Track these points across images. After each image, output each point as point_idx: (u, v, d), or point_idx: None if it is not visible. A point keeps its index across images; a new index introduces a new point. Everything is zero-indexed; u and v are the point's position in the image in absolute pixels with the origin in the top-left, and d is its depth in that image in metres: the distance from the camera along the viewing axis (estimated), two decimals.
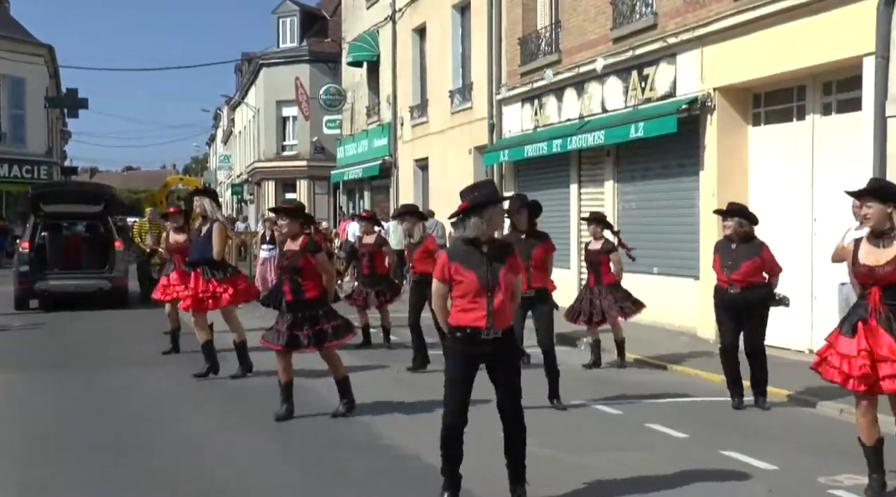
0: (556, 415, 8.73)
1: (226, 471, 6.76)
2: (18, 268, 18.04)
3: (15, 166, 36.52)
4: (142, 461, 7.02)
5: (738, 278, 8.94)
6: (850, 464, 6.80)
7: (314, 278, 8.23)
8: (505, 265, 5.57)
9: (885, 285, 5.76)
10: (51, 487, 6.32)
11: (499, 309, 5.56)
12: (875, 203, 5.85)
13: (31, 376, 10.80)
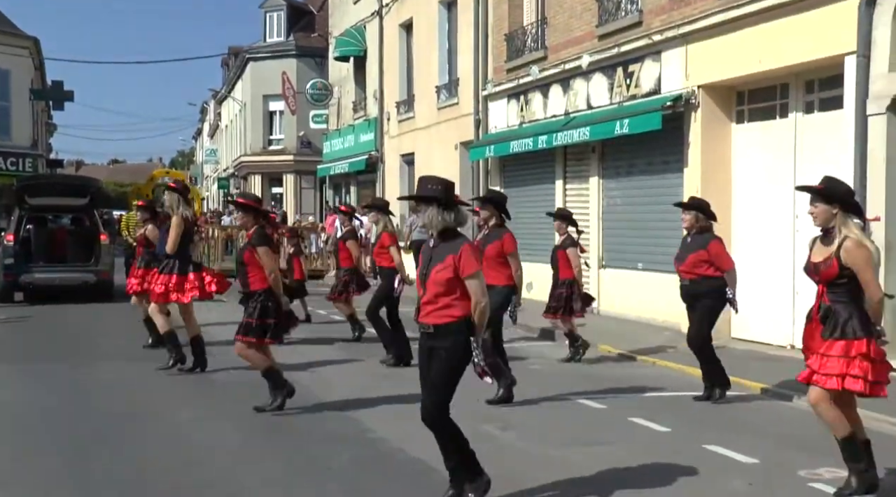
0: (539, 409, 8.77)
1: (213, 464, 6.78)
2: (3, 260, 17.96)
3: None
4: (127, 454, 7.01)
5: (684, 270, 9.08)
6: (829, 457, 6.86)
7: (260, 271, 8.18)
8: (442, 262, 5.44)
9: (827, 282, 5.78)
10: (34, 481, 6.30)
11: (426, 304, 5.52)
12: (821, 203, 5.89)
13: (15, 369, 10.78)
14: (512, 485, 6.08)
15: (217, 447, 7.27)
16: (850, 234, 5.72)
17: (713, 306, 9.07)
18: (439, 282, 5.42)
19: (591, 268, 11.87)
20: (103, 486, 6.21)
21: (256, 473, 6.49)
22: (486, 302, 5.45)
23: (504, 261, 8.91)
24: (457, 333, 5.41)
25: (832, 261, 5.72)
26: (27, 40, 39.08)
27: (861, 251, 5.69)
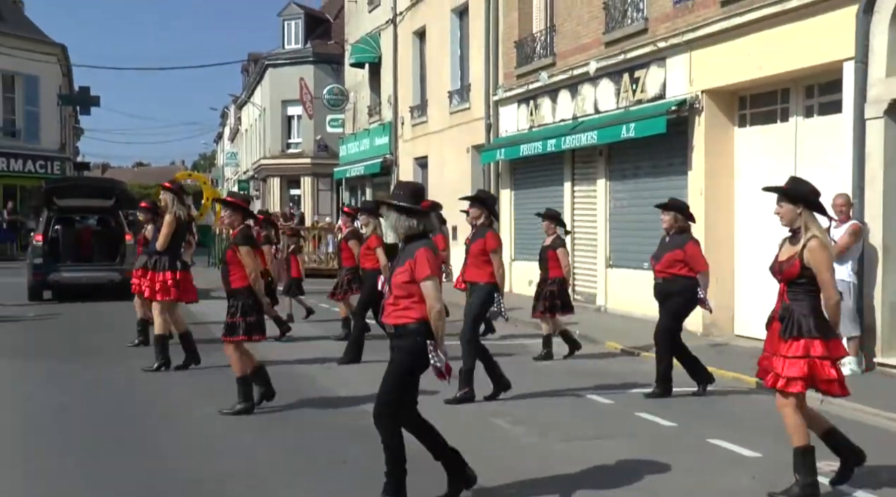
0: (547, 404, 8.77)
1: (232, 457, 6.79)
2: (32, 260, 18.06)
3: (29, 162, 36.51)
4: (150, 447, 7.04)
5: (659, 268, 9.08)
6: (827, 450, 6.85)
7: (241, 270, 8.12)
8: (402, 266, 5.41)
9: (788, 281, 5.73)
10: (53, 477, 6.30)
11: (388, 305, 5.50)
12: (786, 203, 5.85)
13: (42, 366, 10.79)
14: (521, 477, 6.10)
15: (235, 440, 7.28)
16: (815, 234, 5.68)
17: (684, 304, 9.04)
18: (398, 284, 5.41)
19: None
20: (125, 479, 6.21)
21: (275, 465, 6.50)
22: (439, 307, 5.34)
23: (488, 259, 8.84)
24: (413, 334, 5.36)
25: (795, 260, 5.67)
26: (55, 47, 39.34)
27: (824, 252, 5.63)
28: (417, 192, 5.62)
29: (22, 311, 16.21)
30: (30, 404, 8.62)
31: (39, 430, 7.61)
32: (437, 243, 13.22)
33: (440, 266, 5.49)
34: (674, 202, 9.39)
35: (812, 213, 5.76)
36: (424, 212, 5.53)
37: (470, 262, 9.04)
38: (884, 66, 10.07)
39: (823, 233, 5.77)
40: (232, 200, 8.67)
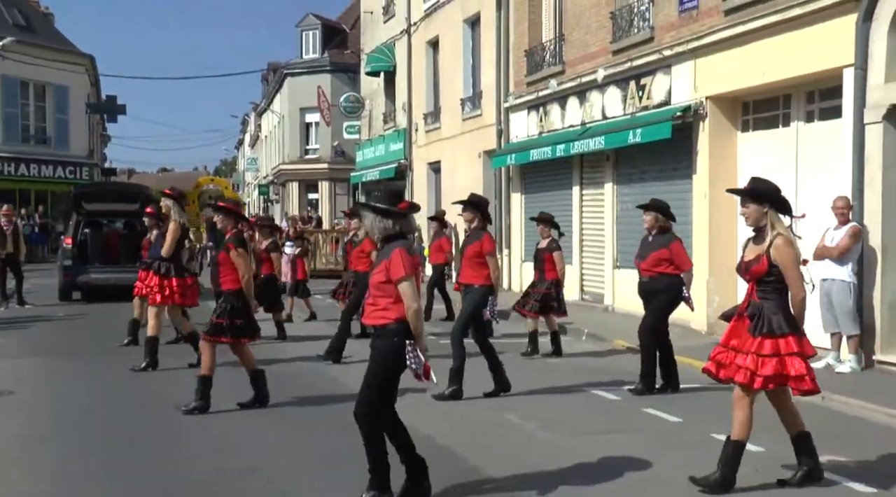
0: (558, 399, 8.77)
1: (252, 452, 6.80)
2: (62, 262, 18.18)
3: (59, 168, 36.72)
4: (172, 444, 7.08)
5: (644, 267, 9.05)
6: (829, 446, 6.82)
7: (232, 272, 8.05)
8: (378, 266, 5.36)
9: (756, 279, 5.66)
10: (82, 469, 6.35)
11: (368, 305, 5.45)
12: (751, 203, 5.78)
13: (71, 365, 10.86)
14: (533, 469, 6.11)
15: (254, 438, 7.27)
16: (781, 232, 5.63)
17: (668, 302, 9.01)
18: (375, 284, 5.36)
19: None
20: (145, 472, 6.24)
21: (295, 460, 6.52)
22: (416, 307, 5.26)
23: (483, 261, 8.77)
24: (392, 334, 5.29)
25: (762, 258, 5.61)
26: (84, 58, 39.56)
27: (790, 250, 5.58)
28: (394, 195, 5.58)
29: (53, 311, 16.32)
30: (60, 403, 8.67)
31: (68, 428, 7.64)
32: (441, 245, 13.11)
33: (417, 266, 5.41)
34: (655, 203, 9.34)
35: (776, 212, 5.70)
36: (401, 213, 5.44)
37: (465, 264, 8.93)
38: (882, 73, 10.03)
39: (787, 231, 5.71)
40: (224, 206, 8.60)
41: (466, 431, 7.37)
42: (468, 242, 8.96)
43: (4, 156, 34.55)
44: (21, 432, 7.41)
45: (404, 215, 5.45)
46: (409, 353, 5.25)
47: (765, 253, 5.61)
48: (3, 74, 34.34)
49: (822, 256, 10.06)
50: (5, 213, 17.65)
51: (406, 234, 5.49)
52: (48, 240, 31.95)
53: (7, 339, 12.88)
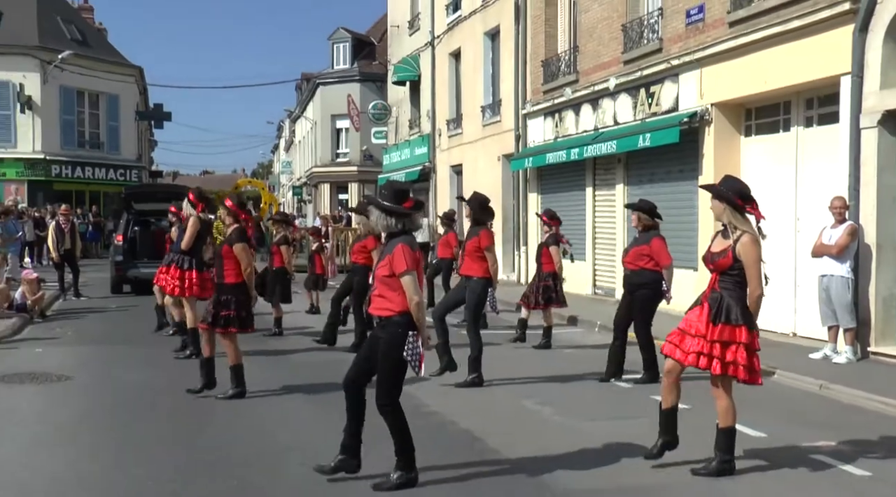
0: (572, 387, 8.76)
1: (289, 432, 6.84)
2: (114, 257, 18.32)
3: (111, 170, 37.01)
4: (215, 424, 7.11)
5: (626, 261, 9.09)
6: (828, 432, 6.80)
7: (235, 266, 7.93)
8: (383, 261, 5.30)
9: (720, 271, 5.62)
10: (132, 448, 6.40)
11: (374, 298, 5.37)
12: (715, 201, 5.76)
13: (124, 350, 10.96)
14: (551, 452, 6.11)
15: (292, 418, 7.31)
16: (747, 231, 5.58)
17: (651, 297, 8.94)
18: (379, 278, 5.29)
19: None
20: (194, 448, 6.27)
21: (328, 440, 6.49)
22: (418, 299, 5.18)
23: (482, 255, 8.73)
24: (396, 326, 5.23)
25: (728, 252, 5.57)
26: (133, 69, 39.85)
27: (755, 248, 5.52)
28: (400, 193, 5.43)
29: (105, 303, 16.48)
30: (113, 387, 8.74)
31: (121, 410, 7.71)
32: (448, 241, 12.97)
33: (418, 261, 5.29)
34: (641, 203, 9.35)
35: (735, 211, 5.63)
36: (405, 212, 5.33)
37: (466, 257, 8.92)
38: (878, 80, 9.95)
39: (752, 228, 5.64)
40: (230, 204, 8.36)
41: (486, 416, 7.38)
42: (468, 238, 8.93)
43: (62, 160, 34.87)
44: (78, 414, 7.49)
45: (408, 214, 5.35)
46: (409, 344, 5.20)
47: (731, 247, 5.57)
48: (62, 85, 34.66)
49: (820, 254, 9.99)
50: (63, 213, 17.83)
51: (410, 231, 5.39)
52: (101, 237, 32.21)
53: (65, 328, 13.01)
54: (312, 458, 5.97)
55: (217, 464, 5.90)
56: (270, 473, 5.67)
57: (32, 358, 10.32)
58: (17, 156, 33.90)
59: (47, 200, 31.51)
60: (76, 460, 5.98)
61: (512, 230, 21.29)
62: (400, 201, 5.35)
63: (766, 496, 5.33)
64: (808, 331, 11.23)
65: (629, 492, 5.37)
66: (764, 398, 8.15)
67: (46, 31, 35.01)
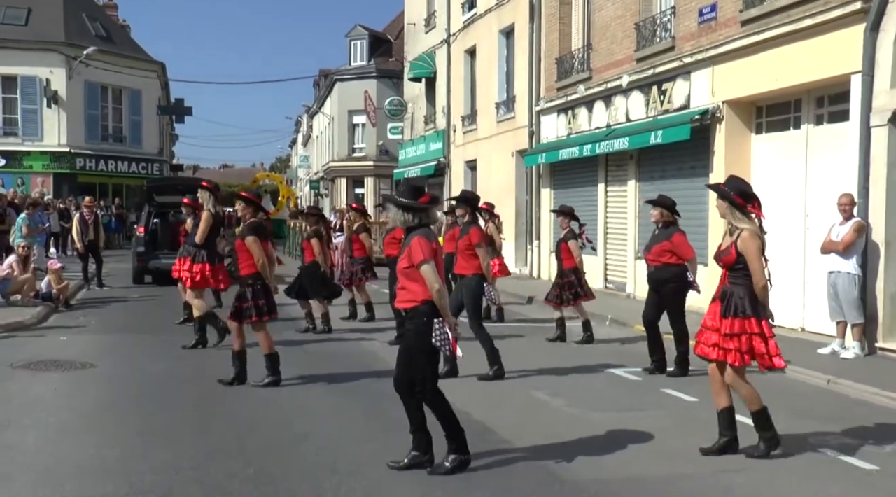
0: (583, 379, 8.74)
1: (304, 421, 6.85)
2: (135, 248, 18.42)
3: (133, 163, 37.20)
4: (229, 414, 7.13)
5: (650, 258, 9.04)
6: (835, 425, 6.76)
7: (249, 258, 7.99)
8: (402, 254, 5.38)
9: (727, 267, 5.76)
10: (153, 435, 6.44)
11: (398, 290, 5.45)
12: (720, 200, 5.91)
13: (145, 340, 11.04)
14: (563, 441, 6.10)
15: (308, 409, 7.32)
16: (746, 227, 5.70)
17: (677, 290, 8.90)
18: (401, 271, 5.38)
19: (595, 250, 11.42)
20: (215, 436, 6.30)
21: (343, 429, 6.57)
22: (438, 287, 5.24)
23: (474, 253, 8.66)
24: (422, 315, 5.30)
25: (731, 248, 5.72)
26: (155, 65, 40.01)
27: (754, 242, 5.66)
28: (416, 190, 5.53)
29: (127, 293, 16.58)
30: (135, 375, 8.79)
31: (142, 398, 7.76)
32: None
33: (435, 251, 5.35)
34: (661, 199, 9.34)
35: (735, 209, 5.76)
36: (421, 207, 5.42)
37: (458, 256, 8.84)
38: (888, 79, 9.86)
39: (753, 224, 5.75)
40: (246, 196, 8.51)
41: (498, 408, 7.38)
42: (461, 235, 8.85)
43: (87, 153, 35.07)
44: (101, 401, 7.54)
45: (425, 209, 5.45)
46: (437, 330, 5.28)
47: (733, 244, 5.72)
48: (86, 80, 34.84)
49: (828, 250, 9.93)
50: (87, 205, 17.93)
51: (427, 225, 5.48)
52: (124, 228, 32.39)
53: (89, 317, 13.10)
54: (330, 448, 6.00)
55: (236, 452, 5.92)
56: (287, 462, 5.68)
57: (57, 346, 10.40)
58: (44, 149, 34.14)
59: (72, 192, 31.74)
60: (99, 446, 6.01)
61: (525, 225, 21.26)
62: (416, 197, 5.45)
63: (774, 489, 5.30)
64: (816, 326, 11.16)
65: (639, 482, 5.36)
66: (773, 392, 8.10)
67: (72, 28, 35.20)
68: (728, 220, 5.83)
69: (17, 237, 15.43)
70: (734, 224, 5.76)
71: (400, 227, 10.41)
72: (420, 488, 5.14)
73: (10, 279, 13.58)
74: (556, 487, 5.23)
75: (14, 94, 34.00)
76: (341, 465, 5.60)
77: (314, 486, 5.19)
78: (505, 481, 5.31)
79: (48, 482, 5.20)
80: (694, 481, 5.41)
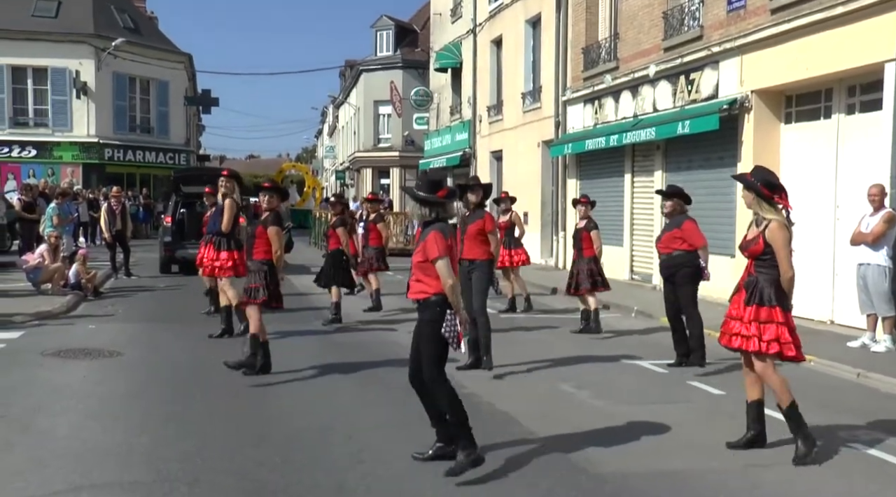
0: (609, 371, 8.69)
1: (330, 411, 6.87)
2: (162, 238, 18.53)
3: (160, 154, 37.48)
4: (256, 403, 7.17)
5: (660, 247, 9.00)
6: (865, 420, 6.67)
7: (266, 245, 8.09)
8: (419, 247, 5.35)
9: (753, 257, 5.72)
10: (187, 420, 6.48)
11: (412, 282, 5.42)
12: (745, 191, 5.87)
13: (172, 328, 11.10)
14: (585, 434, 6.07)
15: (334, 399, 7.33)
16: (774, 217, 5.66)
17: (691, 277, 8.83)
18: (416, 264, 5.38)
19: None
20: (240, 424, 6.32)
21: (369, 419, 6.57)
22: (451, 282, 5.22)
23: (485, 238, 8.60)
24: (434, 305, 5.29)
25: (759, 238, 5.68)
26: (183, 56, 40.23)
27: (782, 232, 5.62)
28: (434, 184, 5.49)
29: (154, 282, 16.71)
30: (161, 364, 8.87)
31: (168, 387, 7.82)
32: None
33: (451, 247, 5.32)
34: (674, 188, 9.30)
35: (762, 200, 5.72)
36: (437, 201, 5.38)
37: (467, 241, 8.69)
38: None
39: (780, 215, 5.71)
40: (270, 186, 8.51)
41: (523, 399, 7.35)
42: (470, 221, 8.74)
43: (115, 143, 35.39)
44: (128, 389, 7.60)
45: (442, 203, 5.42)
46: (448, 322, 5.27)
47: (760, 234, 5.69)
48: (115, 71, 35.13)
49: (858, 242, 9.78)
50: (115, 195, 18.08)
51: (444, 219, 5.45)
52: (151, 218, 32.66)
53: (116, 306, 13.22)
54: (355, 438, 6.01)
55: (262, 441, 5.94)
56: (313, 451, 5.70)
57: (86, 334, 10.51)
58: (73, 139, 34.48)
59: (100, 182, 32.06)
60: (127, 433, 6.07)
61: (550, 215, 21.17)
62: (434, 191, 5.43)
63: (801, 483, 5.24)
64: (846, 319, 11.01)
65: (665, 476, 5.31)
66: (801, 386, 8.00)
67: (101, 20, 35.49)
68: (754, 211, 5.80)
69: (48, 226, 15.60)
70: (761, 215, 5.74)
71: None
72: (445, 479, 5.12)
73: (41, 268, 13.74)
74: (582, 479, 5.20)
75: (45, 85, 34.37)
76: (367, 454, 5.60)
77: (340, 475, 5.20)
78: (529, 473, 5.29)
79: (77, 468, 5.25)
80: (720, 475, 5.36)
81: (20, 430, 6.14)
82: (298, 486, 4.99)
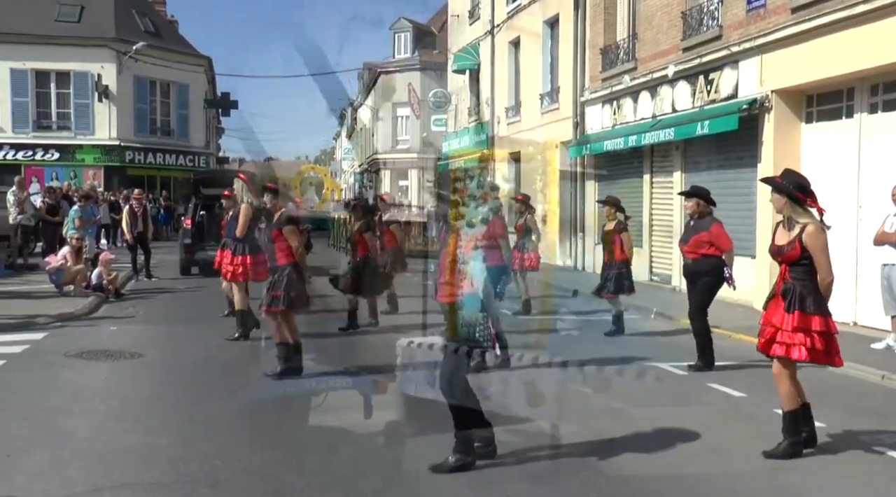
0: (627, 372, 8.62)
1: None
2: (182, 240, 18.59)
3: (180, 156, 37.69)
4: (277, 403, 7.18)
5: (687, 250, 8.82)
6: (890, 423, 6.58)
7: (286, 248, 8.00)
8: (444, 249, 5.33)
9: (789, 262, 5.63)
10: (207, 422, 6.50)
11: (438, 286, 5.38)
12: (775, 195, 5.75)
13: (192, 330, 11.16)
14: (605, 437, 6.02)
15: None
16: (810, 221, 5.57)
17: (712, 283, 8.73)
18: (444, 265, 5.34)
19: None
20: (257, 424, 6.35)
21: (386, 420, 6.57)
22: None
23: (497, 244, 8.34)
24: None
25: (795, 243, 5.57)
26: (202, 59, 40.46)
27: (821, 237, 5.54)
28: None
29: (174, 284, 16.76)
30: (181, 365, 8.90)
31: (187, 388, 7.85)
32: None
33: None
34: (697, 189, 9.15)
35: (796, 204, 5.63)
36: None
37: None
38: None
39: (814, 218, 5.63)
40: (273, 186, 8.45)
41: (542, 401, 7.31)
42: None
43: (136, 146, 35.64)
44: (149, 390, 7.64)
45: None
46: (481, 325, 5.20)
47: (797, 239, 5.57)
48: (136, 75, 35.39)
49: (881, 242, 9.66)
50: (136, 197, 18.17)
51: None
52: (172, 220, 32.84)
53: (137, 307, 13.29)
54: (376, 441, 5.99)
55: (282, 442, 5.95)
56: (327, 452, 5.69)
57: (107, 335, 10.57)
58: (95, 142, 34.76)
59: (122, 185, 32.26)
60: (148, 434, 6.08)
61: (569, 217, 21.09)
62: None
63: (825, 487, 5.17)
64: (869, 320, 10.88)
65: (686, 478, 5.26)
66: (825, 388, 7.92)
67: (122, 24, 35.77)
68: (786, 215, 5.68)
69: (70, 228, 15.70)
70: (795, 219, 5.61)
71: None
72: (461, 481, 5.09)
73: (64, 270, 13.84)
74: (602, 482, 5.15)
75: (67, 89, 34.67)
76: (387, 458, 5.58)
77: (360, 477, 5.18)
78: (549, 475, 5.25)
79: (98, 469, 5.27)
80: (743, 478, 5.30)
81: (42, 430, 6.18)
82: (318, 487, 4.98)
